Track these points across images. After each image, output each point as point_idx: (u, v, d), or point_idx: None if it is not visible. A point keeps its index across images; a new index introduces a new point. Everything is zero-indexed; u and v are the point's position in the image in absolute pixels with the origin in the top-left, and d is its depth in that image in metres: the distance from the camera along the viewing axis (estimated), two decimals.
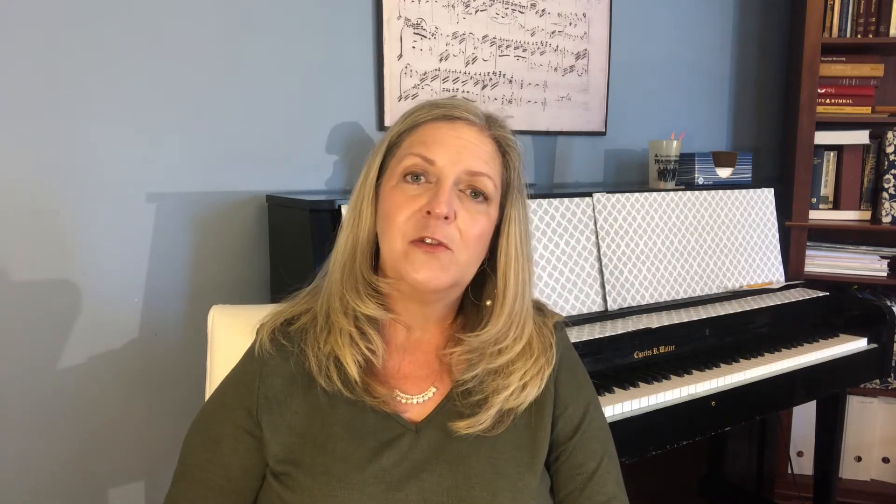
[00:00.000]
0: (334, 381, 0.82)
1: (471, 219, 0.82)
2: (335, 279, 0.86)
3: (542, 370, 0.86)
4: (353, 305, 0.84)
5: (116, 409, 1.54)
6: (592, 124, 2.24)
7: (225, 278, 1.65)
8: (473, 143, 0.84)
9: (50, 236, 1.44)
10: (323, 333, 0.84)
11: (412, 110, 0.88)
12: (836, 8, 2.30)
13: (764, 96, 2.71)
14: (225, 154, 1.62)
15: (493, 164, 0.86)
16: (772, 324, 1.94)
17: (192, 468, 0.85)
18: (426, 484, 0.79)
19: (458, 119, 0.85)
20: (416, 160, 0.82)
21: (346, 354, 0.82)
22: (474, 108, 0.88)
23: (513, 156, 0.88)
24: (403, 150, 0.85)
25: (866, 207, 2.38)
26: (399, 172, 0.83)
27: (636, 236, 1.85)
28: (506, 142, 0.88)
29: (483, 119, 0.87)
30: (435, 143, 0.83)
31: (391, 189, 0.83)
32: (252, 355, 0.88)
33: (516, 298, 0.86)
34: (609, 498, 0.87)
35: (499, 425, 0.83)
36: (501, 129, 0.88)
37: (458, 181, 0.82)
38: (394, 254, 0.81)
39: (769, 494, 2.50)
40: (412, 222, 0.80)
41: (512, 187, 0.88)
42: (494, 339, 0.85)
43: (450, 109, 0.86)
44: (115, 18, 1.46)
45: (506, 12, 1.99)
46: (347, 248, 0.86)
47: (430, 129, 0.85)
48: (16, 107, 1.38)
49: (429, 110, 0.86)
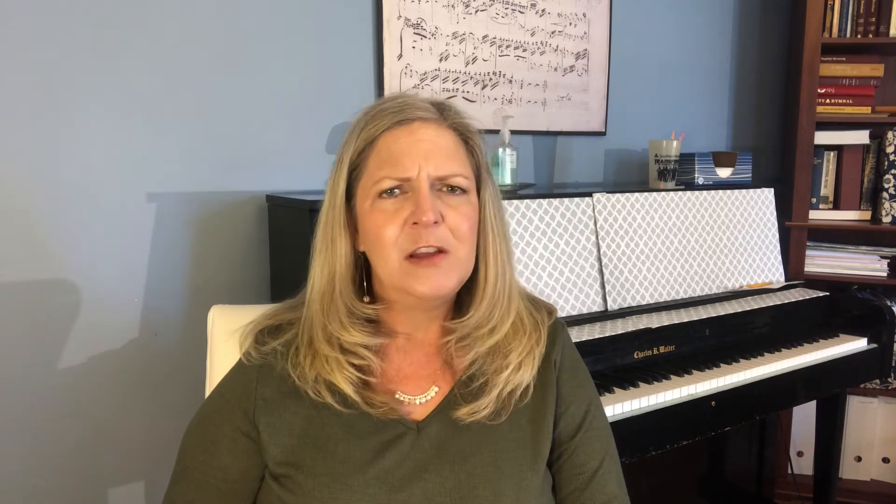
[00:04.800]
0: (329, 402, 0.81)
1: (458, 214, 0.81)
2: (316, 310, 0.84)
3: (532, 349, 0.86)
4: (337, 335, 0.82)
5: (116, 409, 1.54)
6: (592, 124, 2.24)
7: (225, 278, 1.65)
8: (435, 141, 0.82)
9: (50, 236, 1.43)
10: (307, 359, 0.83)
11: (363, 123, 0.84)
12: (836, 8, 2.30)
13: (764, 96, 2.71)
14: (225, 154, 1.62)
15: (460, 157, 0.84)
16: (772, 324, 1.94)
17: (189, 470, 0.85)
18: (429, 484, 0.79)
19: (412, 121, 0.83)
20: (390, 182, 0.80)
21: (338, 378, 0.81)
22: (423, 102, 0.85)
23: (475, 140, 0.87)
24: (371, 170, 0.82)
25: (866, 207, 2.38)
26: (373, 194, 0.81)
27: (636, 236, 1.85)
28: (465, 128, 0.86)
29: (436, 112, 0.85)
30: (400, 157, 0.81)
31: (369, 210, 0.82)
32: (244, 363, 0.87)
33: (497, 279, 0.85)
34: (610, 497, 0.87)
35: (501, 412, 0.83)
36: (457, 115, 0.86)
37: (432, 185, 0.81)
38: (392, 272, 0.80)
39: (769, 494, 2.50)
40: (403, 236, 0.79)
41: (482, 170, 0.87)
42: (482, 321, 0.85)
43: (401, 113, 0.83)
44: (115, 19, 1.46)
45: (506, 12, 1.99)
46: (324, 278, 0.84)
47: (390, 140, 0.82)
48: (16, 107, 1.38)
49: (381, 119, 0.83)
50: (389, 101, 0.85)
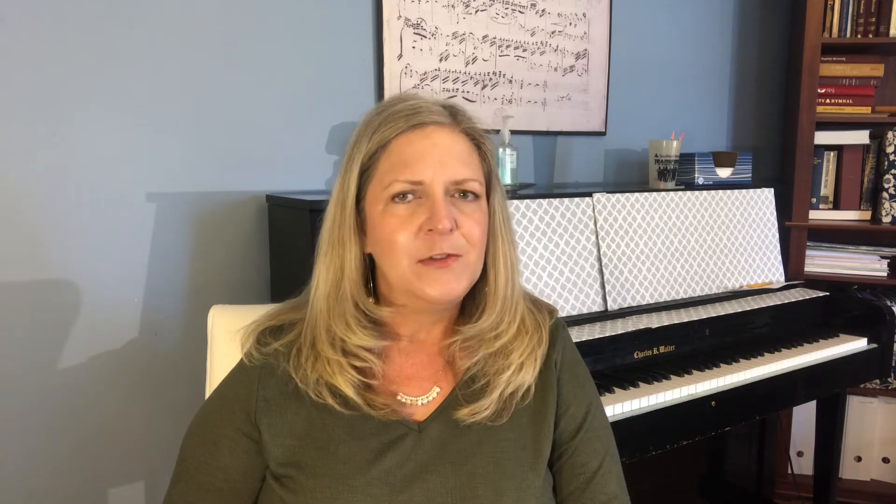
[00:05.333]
0: (330, 404, 0.81)
1: (472, 221, 0.82)
2: (320, 310, 0.83)
3: (534, 350, 0.86)
4: (341, 336, 0.82)
5: (116, 409, 1.54)
6: (592, 124, 2.24)
7: (225, 278, 1.65)
8: (450, 146, 0.82)
9: (50, 236, 1.43)
10: (309, 361, 0.83)
11: (375, 125, 0.83)
12: (836, 8, 2.30)
13: (764, 96, 2.71)
14: (225, 154, 1.62)
15: (473, 162, 0.84)
16: (772, 324, 1.94)
17: (190, 470, 0.85)
18: (430, 485, 0.79)
19: (427, 125, 0.82)
20: (404, 185, 0.80)
21: (339, 381, 0.81)
22: (435, 105, 0.84)
23: (487, 145, 0.87)
24: (384, 173, 0.82)
25: (866, 207, 2.38)
26: (385, 198, 0.81)
27: (636, 236, 1.85)
28: (477, 133, 0.87)
29: (449, 116, 0.85)
30: (415, 161, 0.80)
31: (381, 213, 0.81)
32: (245, 364, 0.87)
33: (507, 283, 0.86)
34: (611, 497, 0.87)
35: (503, 413, 0.83)
36: (469, 120, 0.86)
37: (446, 190, 0.81)
38: (403, 275, 0.80)
39: (769, 494, 2.50)
40: (418, 242, 0.79)
41: (492, 175, 0.88)
42: (492, 326, 0.85)
43: (415, 117, 0.82)
44: (115, 19, 1.46)
45: (506, 12, 1.99)
46: (330, 279, 0.83)
47: (404, 143, 0.82)
48: (16, 107, 1.38)
49: (395, 123, 0.82)
50: (400, 102, 0.85)
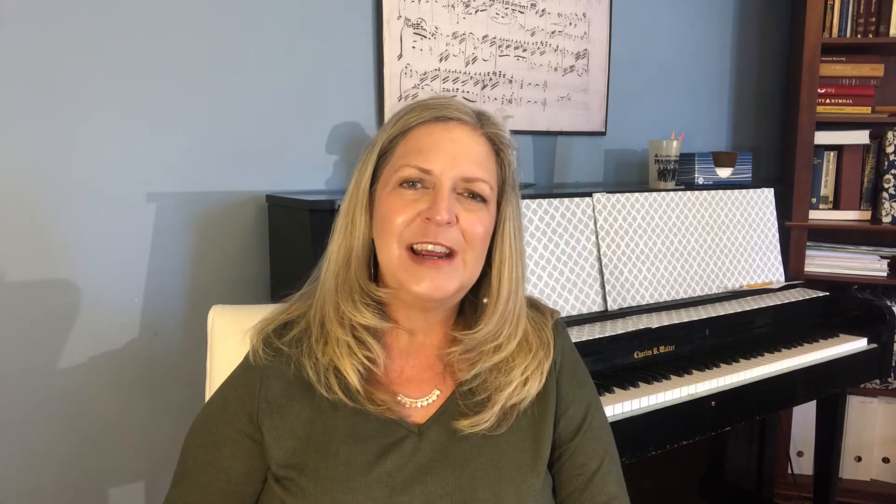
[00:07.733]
0: (335, 391, 0.81)
1: (473, 218, 0.82)
2: (329, 288, 0.84)
3: (541, 364, 0.86)
4: (349, 315, 0.82)
5: (116, 409, 1.54)
6: (592, 124, 2.24)
7: (225, 278, 1.65)
8: (467, 144, 0.83)
9: (50, 236, 1.43)
10: (319, 344, 0.83)
11: (403, 112, 0.86)
12: (836, 8, 2.30)
13: (764, 96, 2.71)
14: (225, 154, 1.62)
15: (488, 165, 0.85)
16: (772, 324, 1.94)
17: (191, 471, 0.85)
18: (430, 487, 0.79)
19: (450, 119, 0.84)
20: (413, 171, 0.81)
21: (346, 365, 0.81)
22: (466, 107, 0.86)
23: (507, 153, 0.88)
24: (398, 157, 0.83)
25: (866, 207, 2.38)
26: (394, 181, 0.82)
27: (636, 236, 1.85)
28: (499, 139, 0.87)
29: (475, 117, 0.86)
30: (429, 150, 0.82)
31: (388, 195, 0.82)
32: (249, 362, 0.87)
33: (510, 296, 0.86)
34: (610, 498, 0.87)
35: (503, 423, 0.83)
36: (494, 126, 0.87)
37: (454, 186, 0.82)
38: (391, 260, 0.81)
39: (769, 494, 2.49)
40: (412, 227, 0.80)
41: (507, 185, 0.87)
42: (489, 337, 0.85)
43: (441, 110, 0.84)
44: (115, 18, 1.46)
45: (506, 12, 1.99)
46: (341, 256, 0.85)
47: (424, 133, 0.83)
48: (15, 107, 1.38)
49: (420, 112, 0.84)
50: (434, 99, 0.87)
